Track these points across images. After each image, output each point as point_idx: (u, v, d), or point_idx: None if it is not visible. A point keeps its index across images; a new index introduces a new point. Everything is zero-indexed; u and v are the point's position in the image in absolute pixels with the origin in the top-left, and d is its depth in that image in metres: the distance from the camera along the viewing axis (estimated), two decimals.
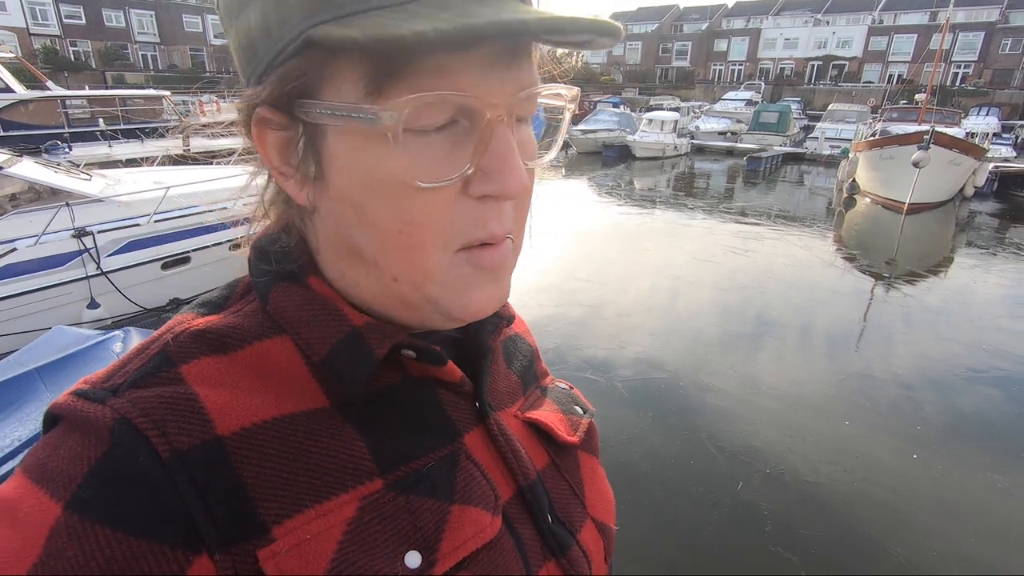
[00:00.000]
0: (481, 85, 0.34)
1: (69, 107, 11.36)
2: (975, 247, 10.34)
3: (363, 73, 0.33)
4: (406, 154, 0.34)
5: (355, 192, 0.36)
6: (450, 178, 0.35)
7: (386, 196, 0.35)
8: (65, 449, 0.32)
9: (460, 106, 0.34)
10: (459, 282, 0.38)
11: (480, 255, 0.38)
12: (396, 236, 0.36)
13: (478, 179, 0.36)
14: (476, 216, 0.37)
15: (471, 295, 0.39)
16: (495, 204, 0.37)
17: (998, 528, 3.33)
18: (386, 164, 0.35)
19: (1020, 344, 5.86)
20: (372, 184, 0.35)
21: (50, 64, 28.51)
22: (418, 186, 0.35)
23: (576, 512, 0.49)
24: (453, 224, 0.37)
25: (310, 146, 0.37)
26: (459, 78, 0.33)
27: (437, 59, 0.33)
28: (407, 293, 0.39)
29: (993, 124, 22.26)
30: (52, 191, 5.09)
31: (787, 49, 41.62)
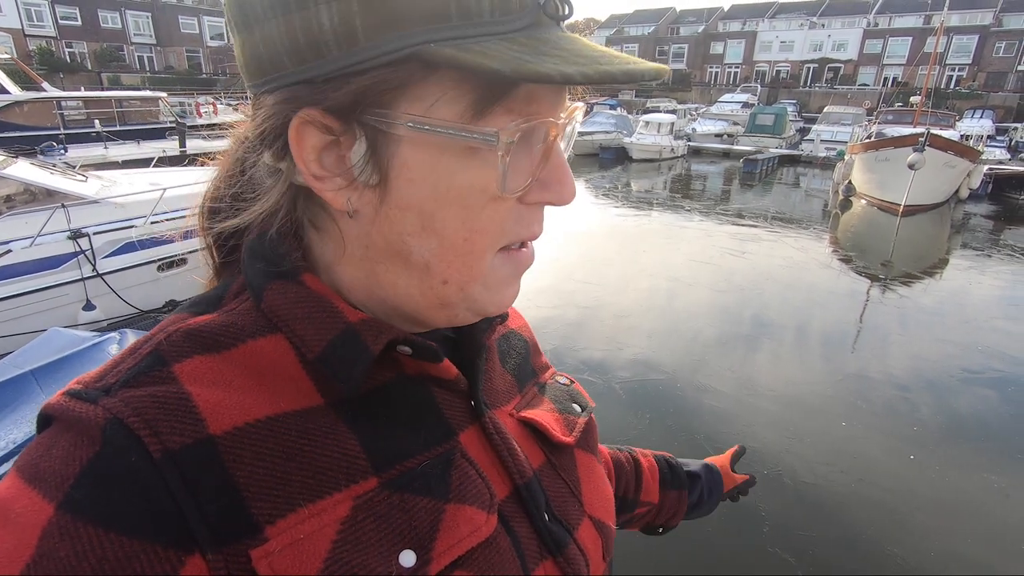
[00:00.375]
0: (552, 108, 0.38)
1: (65, 108, 11.32)
2: (970, 249, 10.39)
3: (468, 95, 0.35)
4: (495, 168, 0.37)
5: (425, 201, 0.37)
6: (523, 188, 0.38)
7: (461, 206, 0.37)
8: (58, 449, 0.32)
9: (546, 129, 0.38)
10: (498, 281, 0.42)
11: (519, 256, 0.42)
12: (461, 243, 0.39)
13: (536, 188, 0.39)
14: (525, 220, 0.41)
15: (504, 292, 0.43)
16: (539, 209, 0.42)
17: (995, 528, 3.34)
18: (471, 177, 0.37)
19: (1015, 345, 5.88)
20: (448, 195, 0.37)
21: (46, 65, 28.43)
22: (502, 197, 0.38)
23: (573, 510, 0.49)
24: (504, 229, 0.40)
25: (374, 154, 0.36)
26: (541, 104, 0.37)
27: (530, 88, 0.36)
28: (451, 294, 0.41)
29: (987, 127, 22.39)
30: (47, 192, 5.07)
31: (783, 52, 41.79)
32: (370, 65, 0.33)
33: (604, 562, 0.51)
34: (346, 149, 0.37)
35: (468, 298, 0.41)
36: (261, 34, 0.35)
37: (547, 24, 0.36)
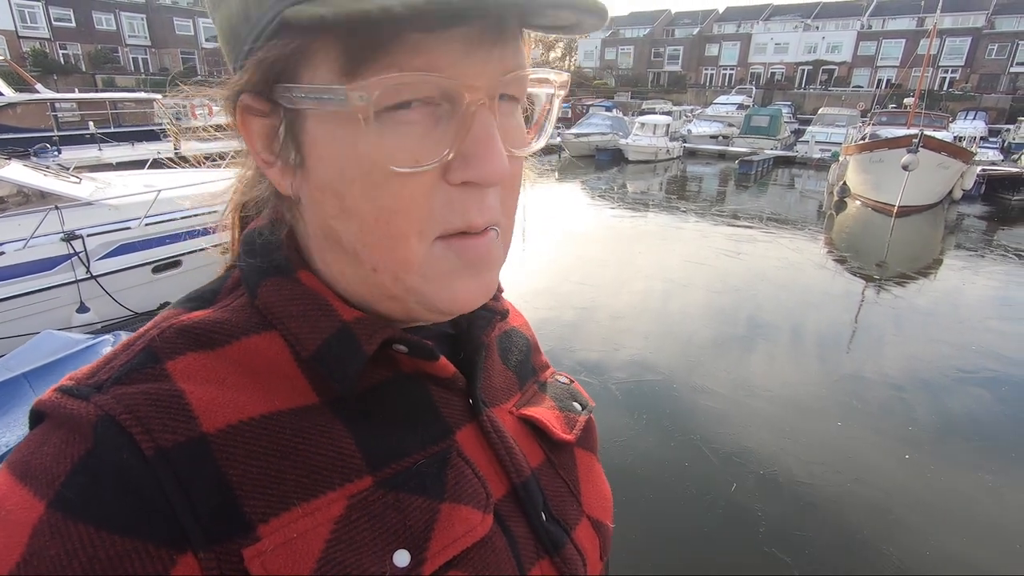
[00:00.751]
0: (461, 66, 0.33)
1: (58, 110, 11.28)
2: (964, 249, 10.45)
3: (338, 53, 0.32)
4: (381, 137, 0.33)
5: (335, 179, 0.35)
6: (429, 163, 0.34)
7: (363, 182, 0.34)
8: (49, 446, 0.32)
9: (440, 88, 0.33)
10: (440, 273, 0.37)
11: (462, 245, 0.37)
12: (373, 224, 0.35)
13: (458, 165, 0.34)
14: (456, 204, 0.35)
15: (454, 287, 0.38)
16: (476, 191, 0.36)
17: (988, 527, 3.35)
18: (361, 148, 0.34)
19: (1009, 345, 5.92)
20: (349, 170, 0.34)
21: (39, 67, 28.30)
22: (393, 171, 0.33)
23: (571, 510, 0.48)
24: (431, 212, 0.35)
25: (290, 132, 0.36)
26: (437, 58, 0.32)
27: (414, 38, 0.31)
28: (388, 284, 0.38)
29: (980, 128, 22.57)
30: (41, 194, 5.04)
31: (777, 54, 41.98)
32: (263, 39, 0.33)
33: (601, 562, 0.51)
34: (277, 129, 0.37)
35: (410, 290, 0.38)
36: (216, 29, 0.37)
37: None
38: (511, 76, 0.35)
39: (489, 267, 0.39)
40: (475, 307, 0.40)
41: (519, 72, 0.35)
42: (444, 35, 0.32)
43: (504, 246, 0.40)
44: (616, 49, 47.92)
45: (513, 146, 0.37)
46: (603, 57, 48.53)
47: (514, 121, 0.38)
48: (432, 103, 0.34)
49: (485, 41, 0.33)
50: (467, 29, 0.32)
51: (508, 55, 0.35)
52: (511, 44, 0.35)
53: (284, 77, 0.34)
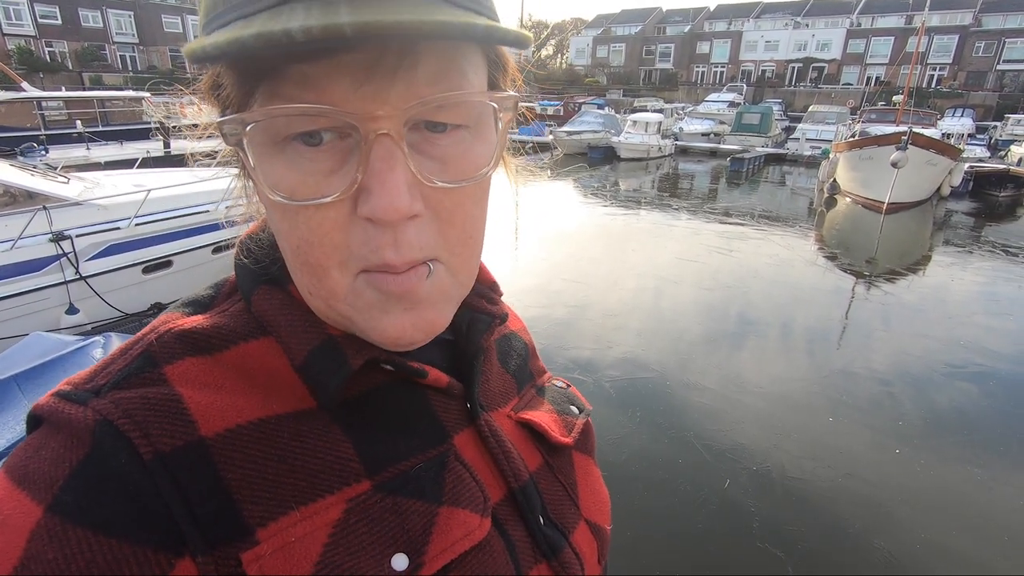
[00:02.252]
0: (357, 96, 0.31)
1: (45, 109, 11.13)
2: (952, 245, 10.55)
3: (232, 86, 0.33)
4: (287, 169, 0.33)
5: (265, 203, 0.36)
6: (328, 196, 0.32)
7: (277, 213, 0.35)
8: (47, 451, 0.32)
9: (340, 121, 0.32)
10: (366, 305, 0.36)
11: (380, 280, 0.35)
12: (296, 251, 0.35)
13: (361, 199, 0.33)
14: (371, 240, 0.34)
15: (382, 321, 0.36)
16: (388, 228, 0.33)
17: (978, 521, 3.39)
18: (267, 178, 0.33)
19: (996, 340, 5.99)
20: (265, 200, 0.35)
21: (25, 65, 27.93)
22: (284, 203, 0.33)
23: (569, 513, 0.48)
24: (348, 245, 0.34)
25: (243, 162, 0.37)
26: (329, 89, 0.31)
27: (300, 69, 0.30)
28: (322, 309, 0.38)
29: (968, 125, 22.79)
30: (28, 194, 4.97)
31: (768, 51, 42.16)
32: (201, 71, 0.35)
33: (599, 565, 0.51)
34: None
35: (343, 317, 0.37)
36: None
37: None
38: (427, 104, 0.32)
39: (421, 304, 0.37)
40: (412, 345, 0.38)
41: (438, 99, 0.32)
42: (333, 65, 0.30)
43: (453, 281, 0.38)
44: (608, 47, 47.95)
45: (450, 176, 0.35)
46: (595, 55, 48.55)
47: (458, 149, 0.35)
48: (345, 135, 0.33)
49: (382, 68, 0.31)
50: (357, 56, 0.30)
51: (420, 80, 0.32)
52: (427, 68, 0.32)
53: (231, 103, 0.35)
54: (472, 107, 0.35)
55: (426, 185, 0.34)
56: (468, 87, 0.34)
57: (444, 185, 0.35)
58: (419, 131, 0.34)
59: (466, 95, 0.34)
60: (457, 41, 0.32)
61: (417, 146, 0.34)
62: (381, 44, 0.30)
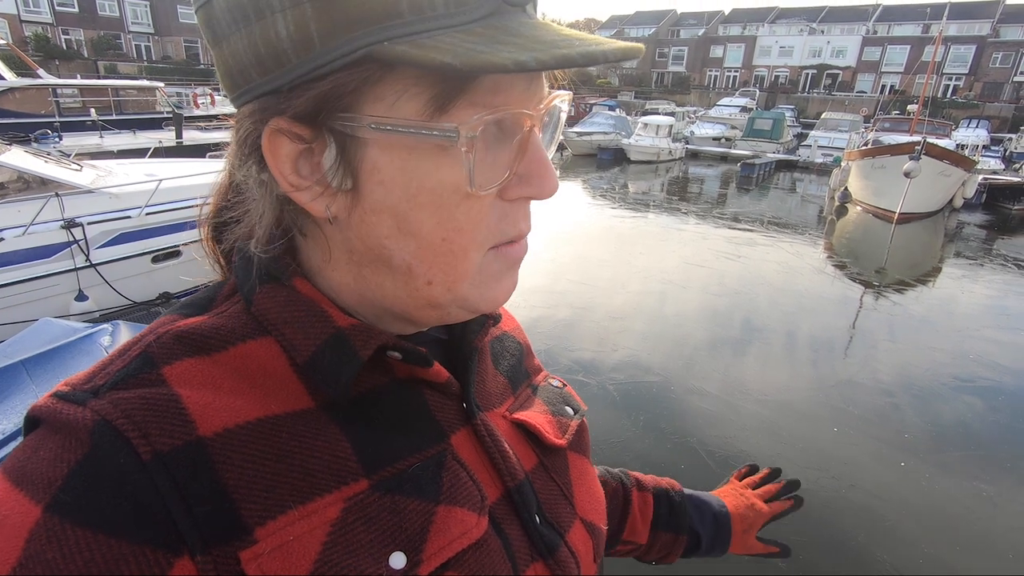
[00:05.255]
0: (523, 98, 0.37)
1: (60, 96, 11.23)
2: (963, 258, 10.46)
3: (427, 91, 0.34)
4: (461, 166, 0.36)
5: (398, 203, 0.37)
6: (498, 183, 0.37)
7: (434, 206, 0.37)
8: (45, 451, 0.32)
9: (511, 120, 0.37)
10: (488, 278, 0.41)
11: (509, 251, 0.41)
12: (439, 244, 0.38)
13: (515, 183, 0.38)
14: (509, 217, 0.40)
15: (497, 288, 0.42)
16: (524, 205, 0.41)
17: (983, 537, 3.36)
18: (440, 176, 0.36)
19: (1005, 355, 5.93)
20: (420, 195, 0.36)
21: (41, 52, 28.18)
22: (474, 194, 0.37)
23: (565, 513, 0.49)
24: (489, 227, 0.39)
25: (345, 159, 0.36)
26: (508, 94, 0.36)
27: (495, 78, 0.35)
28: (439, 295, 0.40)
29: (983, 136, 22.57)
30: (41, 181, 5.02)
31: (782, 57, 41.96)
32: (328, 69, 0.33)
33: (595, 564, 0.51)
34: (319, 156, 0.37)
35: (458, 297, 0.40)
36: (229, 49, 0.36)
37: (509, 12, 0.35)
38: (548, 100, 0.39)
39: (519, 266, 0.44)
40: (506, 302, 0.44)
41: (552, 96, 0.40)
42: (517, 74, 0.36)
43: None
44: None
45: None
46: None
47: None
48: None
49: (538, 75, 0.38)
50: None
51: (543, 84, 0.39)
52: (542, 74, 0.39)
53: (347, 107, 0.35)
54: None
55: None
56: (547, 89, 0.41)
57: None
58: None
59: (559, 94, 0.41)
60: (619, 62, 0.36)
61: None
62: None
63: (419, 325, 0.45)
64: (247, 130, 0.38)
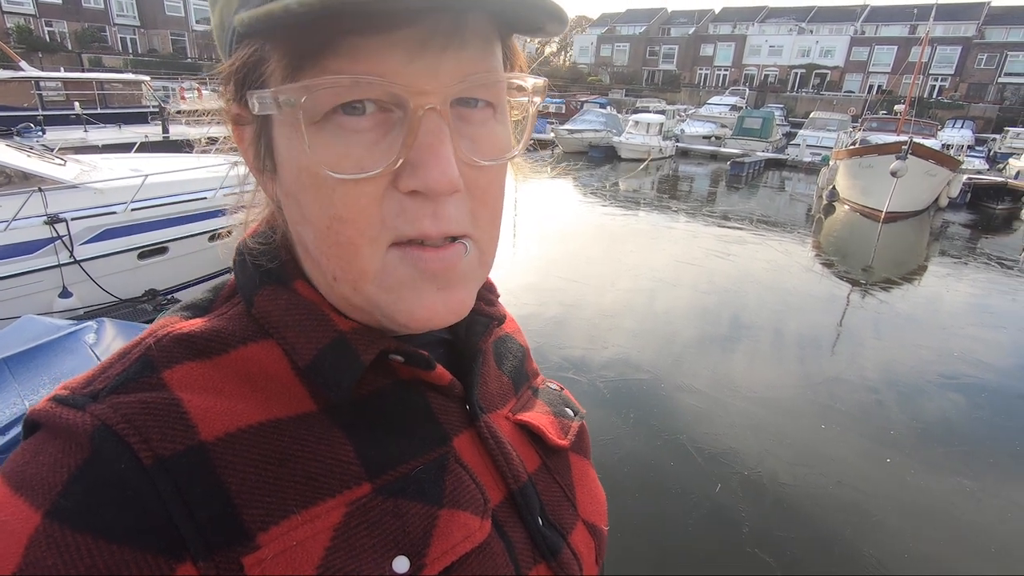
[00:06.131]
0: (408, 71, 0.32)
1: (43, 89, 11.02)
2: (948, 256, 10.60)
3: (282, 58, 0.32)
4: (327, 144, 0.33)
5: (292, 185, 0.35)
6: (373, 170, 0.33)
7: (312, 189, 0.34)
8: (44, 456, 0.32)
9: (387, 93, 0.32)
10: (397, 284, 0.36)
11: (418, 254, 0.35)
12: (326, 232, 0.35)
13: (407, 173, 0.34)
14: (408, 212, 0.34)
15: (414, 301, 0.36)
16: (428, 200, 0.34)
17: (966, 531, 3.42)
18: (304, 154, 0.33)
19: (989, 352, 6.02)
20: (301, 177, 0.34)
21: (24, 44, 27.72)
22: (332, 177, 0.33)
23: (567, 514, 0.49)
24: (382, 219, 0.34)
25: (263, 138, 0.37)
26: (380, 63, 0.31)
27: (353, 42, 0.31)
28: (348, 294, 0.37)
29: (968, 137, 22.87)
30: (24, 176, 4.93)
31: (771, 56, 42.20)
32: (231, 48, 0.35)
33: (597, 565, 0.51)
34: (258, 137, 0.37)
35: (369, 300, 0.37)
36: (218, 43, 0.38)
37: None
38: (470, 81, 0.34)
39: (454, 283, 0.37)
40: (440, 325, 0.38)
41: (480, 76, 0.34)
42: (387, 39, 0.31)
43: (480, 261, 0.39)
44: (612, 46, 47.92)
45: (481, 155, 0.36)
46: (598, 53, 48.51)
47: (485, 129, 0.36)
48: (387, 110, 0.33)
49: (434, 44, 0.32)
50: (411, 31, 0.31)
51: (466, 58, 0.33)
52: (472, 46, 0.33)
53: (251, 83, 0.34)
54: (501, 89, 0.36)
55: (464, 162, 0.35)
56: (500, 70, 0.36)
57: (482, 163, 0.36)
58: (455, 108, 0.35)
59: (514, 76, 0.36)
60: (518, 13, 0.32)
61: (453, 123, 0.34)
62: (434, 21, 0.31)
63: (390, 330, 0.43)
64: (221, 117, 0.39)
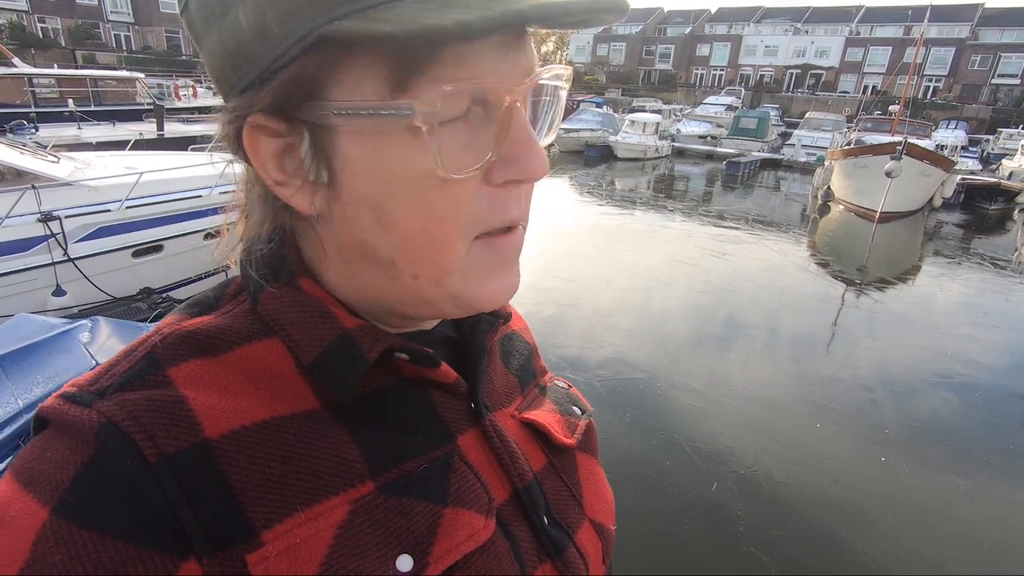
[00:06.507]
0: (498, 71, 0.34)
1: (36, 86, 10.96)
2: (942, 256, 10.67)
3: (385, 69, 0.32)
4: (434, 148, 0.33)
5: (375, 194, 0.35)
6: (476, 167, 0.35)
7: (410, 194, 0.35)
8: (52, 452, 0.32)
9: (478, 94, 0.34)
10: (478, 271, 0.38)
11: (499, 242, 0.38)
12: (420, 234, 0.36)
13: (500, 166, 0.36)
14: (497, 204, 0.37)
15: (491, 284, 0.39)
16: (514, 189, 0.38)
17: (959, 530, 3.44)
18: (411, 161, 0.34)
19: (981, 351, 6.07)
20: (394, 183, 0.35)
21: (16, 40, 27.46)
22: (448, 179, 0.34)
23: (573, 513, 0.49)
24: (474, 214, 0.36)
25: (319, 151, 0.35)
26: (478, 67, 0.33)
27: (457, 49, 0.32)
28: (427, 289, 0.38)
29: (961, 137, 23.02)
30: (17, 173, 4.89)
31: (767, 56, 42.34)
32: (289, 57, 0.32)
33: (604, 565, 0.51)
34: (298, 149, 0.36)
35: (450, 294, 0.38)
36: (207, 49, 0.36)
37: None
38: (536, 74, 0.36)
39: (516, 262, 0.41)
40: (506, 301, 0.41)
41: (540, 71, 0.37)
42: (485, 43, 0.33)
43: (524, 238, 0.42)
44: (608, 45, 47.94)
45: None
46: (595, 53, 48.53)
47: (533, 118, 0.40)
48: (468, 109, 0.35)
49: (514, 45, 0.35)
50: (499, 36, 0.34)
51: (529, 56, 0.36)
52: (528, 46, 0.36)
53: (313, 95, 0.33)
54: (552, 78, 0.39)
55: None
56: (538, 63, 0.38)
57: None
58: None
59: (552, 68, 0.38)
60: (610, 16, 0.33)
61: None
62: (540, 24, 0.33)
63: (420, 322, 0.44)
64: (226, 129, 0.37)
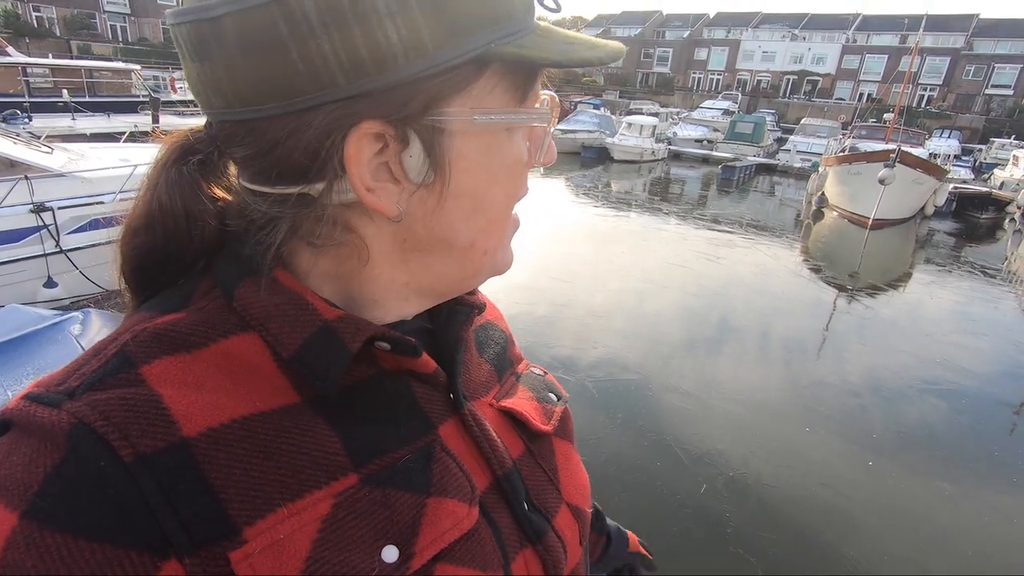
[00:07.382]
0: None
1: (30, 75, 10.87)
2: (933, 264, 10.75)
3: (515, 83, 0.40)
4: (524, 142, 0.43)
5: (478, 184, 0.41)
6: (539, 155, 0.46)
7: (508, 180, 0.43)
8: (18, 455, 0.31)
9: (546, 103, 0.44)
10: (509, 239, 0.47)
11: (516, 215, 0.47)
12: (505, 212, 0.44)
13: (539, 153, 0.46)
14: (526, 182, 0.46)
15: (508, 254, 0.47)
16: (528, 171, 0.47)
17: (943, 534, 3.48)
18: (511, 153, 0.42)
19: (970, 358, 6.13)
20: (499, 173, 0.42)
21: (10, 29, 27.23)
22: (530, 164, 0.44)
23: (551, 498, 0.49)
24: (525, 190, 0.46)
25: (431, 153, 0.38)
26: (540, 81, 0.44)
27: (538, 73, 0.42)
28: (486, 262, 0.45)
29: (954, 146, 23.23)
30: (9, 163, 4.86)
31: (764, 62, 42.55)
32: (437, 71, 0.35)
33: (580, 547, 0.52)
34: (392, 154, 0.37)
35: (495, 262, 0.45)
36: (299, 53, 0.32)
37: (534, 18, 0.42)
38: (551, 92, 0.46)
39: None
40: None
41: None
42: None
43: None
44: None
45: None
46: None
47: None
48: None
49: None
50: None
51: None
52: None
53: (438, 103, 0.37)
54: None
55: None
56: None
57: None
58: None
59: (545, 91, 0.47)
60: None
61: None
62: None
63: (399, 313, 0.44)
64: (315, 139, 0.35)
